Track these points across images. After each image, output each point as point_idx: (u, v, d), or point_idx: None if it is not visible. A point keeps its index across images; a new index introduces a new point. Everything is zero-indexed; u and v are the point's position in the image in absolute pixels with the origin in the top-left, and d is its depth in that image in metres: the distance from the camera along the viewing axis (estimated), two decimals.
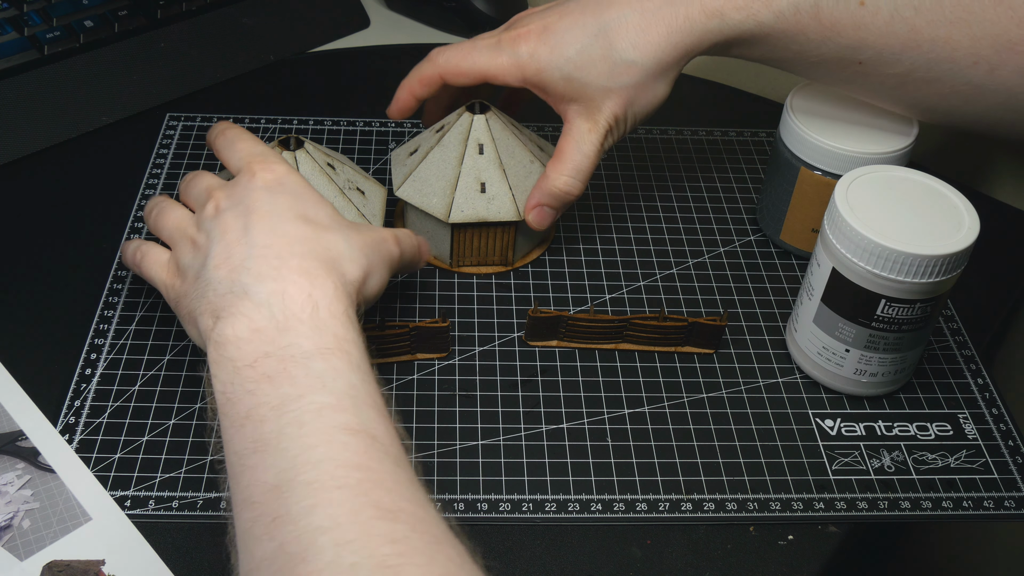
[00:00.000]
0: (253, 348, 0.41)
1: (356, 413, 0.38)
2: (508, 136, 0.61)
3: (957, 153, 0.78)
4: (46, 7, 0.75)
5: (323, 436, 0.37)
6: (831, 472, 0.54)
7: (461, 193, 0.60)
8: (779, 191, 0.64)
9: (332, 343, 0.41)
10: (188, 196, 0.53)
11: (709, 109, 0.80)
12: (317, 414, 0.38)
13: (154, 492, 0.51)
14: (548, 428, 0.55)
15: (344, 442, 0.37)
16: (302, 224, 0.47)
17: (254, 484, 0.37)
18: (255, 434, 0.38)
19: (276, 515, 0.35)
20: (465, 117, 0.61)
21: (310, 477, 0.36)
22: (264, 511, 0.36)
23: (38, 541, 0.48)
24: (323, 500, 0.35)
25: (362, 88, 0.78)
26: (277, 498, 0.36)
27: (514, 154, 0.61)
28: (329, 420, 0.38)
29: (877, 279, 0.52)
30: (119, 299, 0.60)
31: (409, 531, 0.34)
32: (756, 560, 0.50)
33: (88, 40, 0.75)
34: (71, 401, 0.55)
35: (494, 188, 0.60)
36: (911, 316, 0.53)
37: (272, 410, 0.39)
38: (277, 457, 0.37)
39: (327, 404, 0.38)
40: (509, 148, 0.61)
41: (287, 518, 0.35)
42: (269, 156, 0.51)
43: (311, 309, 0.42)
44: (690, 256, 0.66)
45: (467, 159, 0.60)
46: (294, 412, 0.38)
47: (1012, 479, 0.54)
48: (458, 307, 0.61)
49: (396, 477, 0.37)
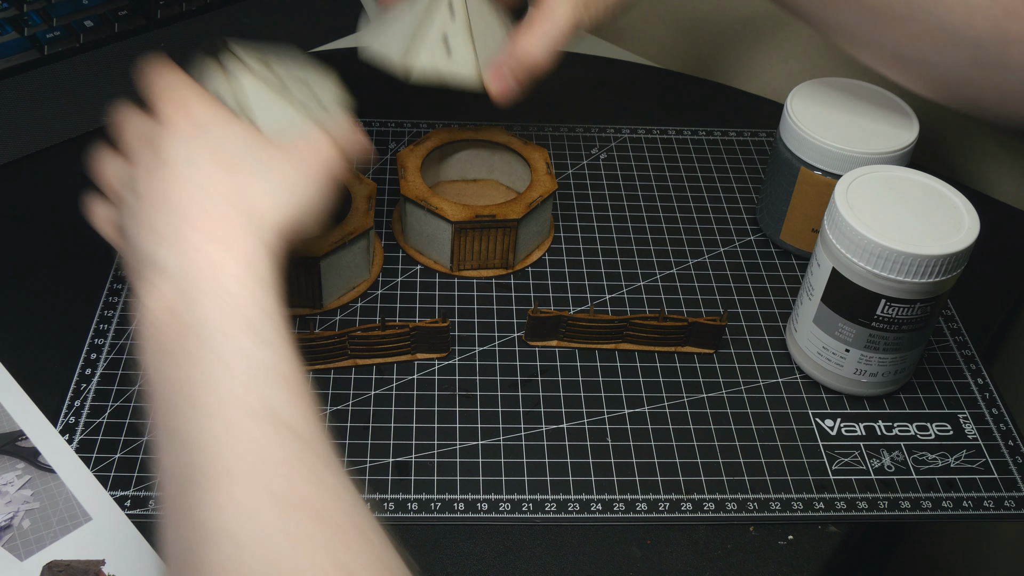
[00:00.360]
0: (164, 325, 0.39)
1: (259, 394, 0.37)
2: (483, 4, 0.58)
3: (957, 153, 0.78)
4: (46, 7, 0.75)
5: (226, 426, 0.36)
6: (831, 472, 0.54)
7: (421, 41, 0.57)
8: (779, 191, 0.65)
9: (237, 317, 0.39)
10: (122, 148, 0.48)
11: (709, 109, 0.80)
12: (220, 401, 0.36)
13: (154, 492, 0.51)
14: (548, 428, 0.55)
15: (247, 429, 0.35)
16: (218, 173, 0.43)
17: (164, 471, 0.37)
18: (165, 419, 0.38)
19: (182, 509, 0.35)
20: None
21: (210, 469, 0.35)
22: (173, 503, 0.36)
23: (38, 541, 0.48)
24: (224, 496, 0.34)
25: (362, 88, 0.78)
26: (181, 490, 0.35)
27: (485, 20, 0.58)
28: (233, 405, 0.36)
29: (877, 279, 0.52)
30: (119, 299, 0.60)
31: (309, 523, 0.34)
32: (756, 560, 0.50)
33: (88, 40, 0.75)
34: (71, 401, 0.55)
35: (458, 44, 0.57)
36: (911, 316, 0.53)
37: (176, 391, 0.37)
38: (182, 448, 0.36)
39: (229, 388, 0.37)
40: (481, 14, 0.58)
41: (189, 510, 0.34)
42: (183, 92, 0.46)
43: (217, 280, 0.39)
44: (690, 256, 0.66)
45: (435, 16, 0.57)
46: (196, 398, 0.37)
47: (1012, 479, 0.54)
48: (458, 307, 0.62)
49: (304, 463, 0.35)
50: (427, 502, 0.51)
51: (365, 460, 0.53)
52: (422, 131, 0.75)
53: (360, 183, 0.62)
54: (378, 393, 0.56)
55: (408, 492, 0.51)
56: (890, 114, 0.63)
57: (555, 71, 0.72)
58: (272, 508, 0.34)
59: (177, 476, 0.36)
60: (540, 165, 0.65)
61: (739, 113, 0.80)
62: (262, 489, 0.34)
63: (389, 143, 0.74)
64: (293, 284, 0.59)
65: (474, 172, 0.70)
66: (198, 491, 0.35)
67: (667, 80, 0.84)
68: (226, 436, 0.35)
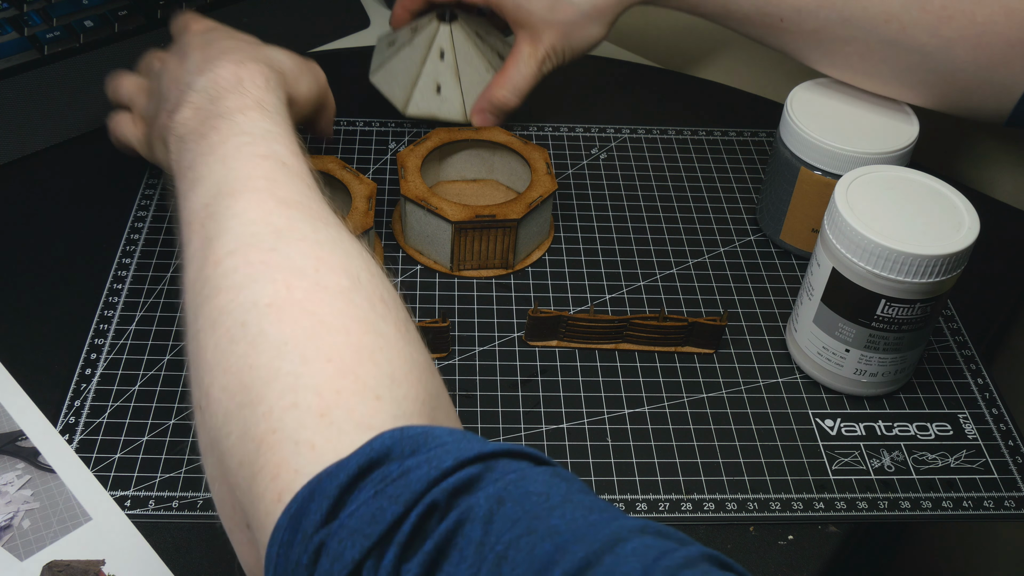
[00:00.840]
0: (193, 121, 0.48)
1: (267, 146, 0.45)
2: (468, 46, 0.70)
3: (957, 153, 0.78)
4: (46, 7, 0.75)
5: (242, 162, 0.44)
6: (831, 472, 0.54)
7: (419, 91, 0.71)
8: (779, 191, 0.65)
9: (251, 102, 0.48)
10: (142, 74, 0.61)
11: (709, 109, 0.80)
12: (237, 149, 0.44)
13: (154, 492, 0.51)
14: (548, 428, 0.55)
15: (258, 164, 0.44)
16: (234, 40, 0.54)
17: (190, 210, 0.44)
18: (192, 176, 0.45)
19: (204, 219, 0.42)
20: (433, 24, 0.70)
21: (229, 189, 0.42)
22: (197, 225, 0.43)
23: (38, 541, 0.48)
24: (239, 201, 0.42)
25: (362, 88, 0.78)
26: (205, 210, 0.42)
27: (471, 62, 0.71)
28: (247, 151, 0.44)
29: (877, 279, 0.52)
30: (119, 299, 0.60)
31: (300, 214, 0.41)
32: (756, 560, 0.50)
33: (88, 40, 0.75)
34: (71, 401, 0.55)
35: (448, 91, 0.71)
36: (911, 316, 0.53)
37: (202, 156, 0.45)
38: (207, 184, 0.44)
39: (245, 142, 0.45)
40: (467, 56, 0.70)
41: (211, 218, 0.42)
42: (199, 17, 0.59)
43: (237, 82, 0.49)
44: (690, 256, 0.66)
45: (429, 63, 0.70)
46: (219, 152, 0.45)
47: (1012, 479, 0.54)
48: (458, 307, 0.62)
49: (300, 190, 0.43)
50: None
51: None
52: (422, 131, 0.75)
53: (360, 183, 0.62)
54: None
55: None
56: (890, 114, 0.63)
57: (554, 71, 0.72)
58: (277, 206, 0.41)
59: (200, 204, 0.43)
60: (540, 165, 0.65)
61: (739, 113, 0.80)
62: (268, 196, 0.42)
63: (389, 143, 0.74)
64: None
65: (474, 172, 0.70)
66: (218, 203, 0.42)
67: (667, 80, 0.84)
68: (242, 167, 0.43)
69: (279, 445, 0.34)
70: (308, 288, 0.38)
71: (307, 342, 0.36)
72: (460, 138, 0.67)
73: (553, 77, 0.71)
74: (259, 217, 0.41)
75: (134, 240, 0.64)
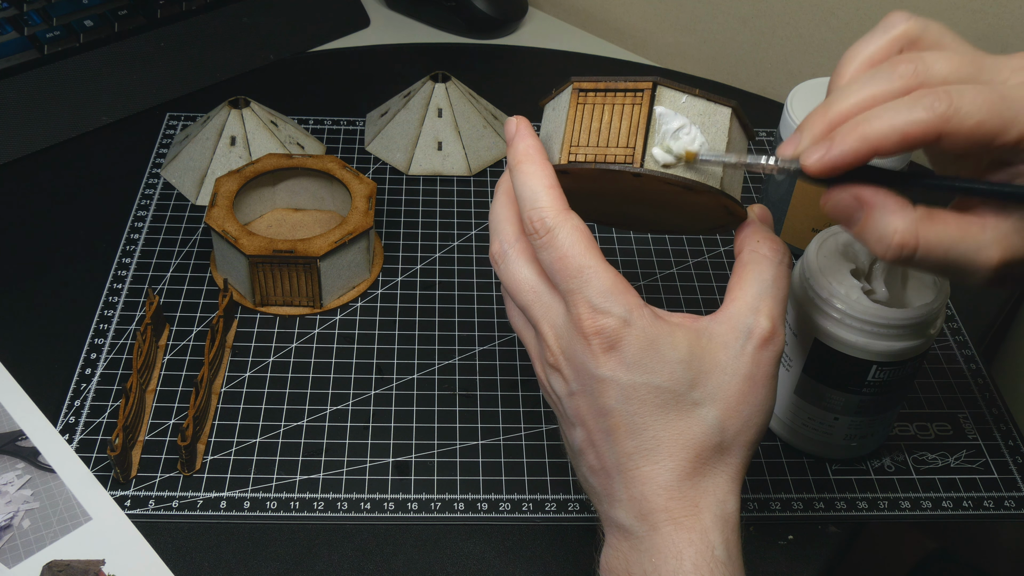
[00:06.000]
0: (619, 567, 0.40)
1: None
2: (465, 103, 0.71)
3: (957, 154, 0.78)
4: (46, 7, 0.75)
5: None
6: (831, 472, 0.54)
7: (420, 150, 0.70)
8: (779, 191, 0.64)
9: (689, 567, 0.38)
10: (514, 310, 0.44)
11: None
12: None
13: (154, 492, 0.51)
14: (548, 428, 0.55)
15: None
16: (663, 414, 0.39)
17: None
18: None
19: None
20: (428, 85, 0.70)
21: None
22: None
23: (38, 541, 0.48)
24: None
25: (362, 88, 0.78)
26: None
27: (469, 119, 0.71)
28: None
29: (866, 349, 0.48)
30: (119, 299, 0.60)
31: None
32: (756, 560, 0.50)
33: (88, 40, 0.75)
34: (71, 401, 0.55)
35: (449, 146, 0.70)
36: (905, 373, 0.50)
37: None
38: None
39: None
40: (465, 113, 0.71)
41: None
42: (593, 298, 0.40)
43: (679, 562, 0.38)
44: (690, 256, 0.66)
45: (427, 121, 0.70)
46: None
47: (1012, 479, 0.54)
48: (458, 307, 0.62)
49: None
50: (427, 502, 0.51)
51: (365, 460, 0.53)
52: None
53: (360, 183, 0.62)
54: (378, 393, 0.56)
55: (408, 492, 0.52)
56: None
57: (554, 71, 0.72)
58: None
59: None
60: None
61: None
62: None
63: None
64: (293, 284, 0.59)
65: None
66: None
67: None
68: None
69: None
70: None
71: None
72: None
73: (554, 78, 0.71)
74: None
75: (134, 240, 0.64)
